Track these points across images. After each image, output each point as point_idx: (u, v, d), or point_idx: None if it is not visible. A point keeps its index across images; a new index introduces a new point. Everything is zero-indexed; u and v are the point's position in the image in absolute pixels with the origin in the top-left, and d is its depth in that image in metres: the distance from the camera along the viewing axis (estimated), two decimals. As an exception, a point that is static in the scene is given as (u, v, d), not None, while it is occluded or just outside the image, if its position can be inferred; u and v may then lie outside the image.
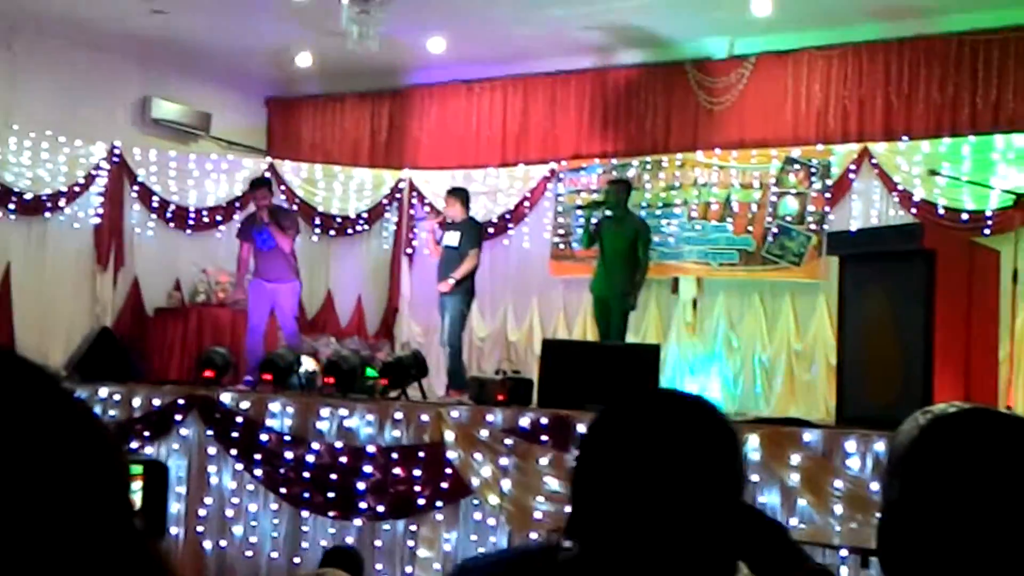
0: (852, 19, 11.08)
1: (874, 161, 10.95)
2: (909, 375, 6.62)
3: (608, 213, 10.47)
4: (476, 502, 7.23)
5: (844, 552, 5.39)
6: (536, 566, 1.69)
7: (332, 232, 13.48)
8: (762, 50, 11.79)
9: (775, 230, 11.29)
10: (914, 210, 10.61)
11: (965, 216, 10.32)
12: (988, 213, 10.16)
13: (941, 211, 10.45)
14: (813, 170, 11.21)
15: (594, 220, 10.64)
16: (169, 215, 12.95)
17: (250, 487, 7.98)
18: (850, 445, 6.16)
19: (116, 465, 1.11)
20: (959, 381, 6.56)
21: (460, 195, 10.85)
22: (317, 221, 13.37)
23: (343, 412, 7.78)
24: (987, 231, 9.96)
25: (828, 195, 11.11)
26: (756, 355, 11.29)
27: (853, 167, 11.06)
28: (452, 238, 10.57)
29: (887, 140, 11.03)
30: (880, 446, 6.03)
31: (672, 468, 1.64)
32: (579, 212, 11.52)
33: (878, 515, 1.66)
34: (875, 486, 5.90)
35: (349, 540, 7.59)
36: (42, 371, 1.13)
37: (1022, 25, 10.54)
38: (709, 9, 11.10)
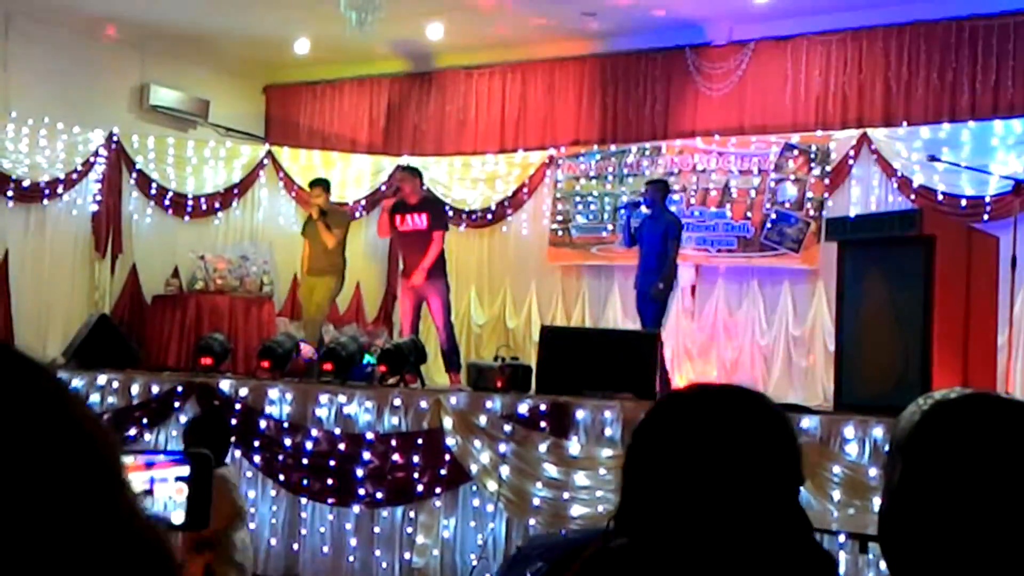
0: (851, 5, 11.06)
1: (873, 147, 10.94)
2: (908, 361, 6.62)
3: (646, 211, 10.46)
4: (475, 489, 7.23)
5: (842, 538, 5.39)
6: (589, 552, 1.69)
7: (330, 219, 13.46)
8: (761, 36, 11.78)
9: (774, 216, 11.28)
10: (913, 196, 10.61)
11: (964, 202, 10.32)
12: (987, 199, 10.16)
13: (940, 197, 10.45)
14: (812, 156, 11.19)
15: (635, 221, 10.64)
16: (167, 202, 12.94)
17: (248, 474, 7.97)
18: (848, 431, 6.16)
19: (107, 459, 1.11)
20: (958, 367, 6.56)
21: (415, 173, 10.77)
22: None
23: (342, 399, 7.77)
24: (986, 217, 9.96)
25: (827, 181, 11.10)
26: (755, 341, 11.29)
27: (852, 153, 11.05)
28: (419, 220, 10.30)
29: (886, 126, 11.02)
30: (878, 432, 6.03)
31: (725, 460, 1.64)
32: (620, 213, 11.55)
33: (876, 500, 1.66)
34: (873, 472, 5.90)
35: (348, 526, 7.59)
36: (34, 364, 1.13)
37: (1021, 10, 10.51)
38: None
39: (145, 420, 8.37)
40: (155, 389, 8.53)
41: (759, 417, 1.70)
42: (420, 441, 7.37)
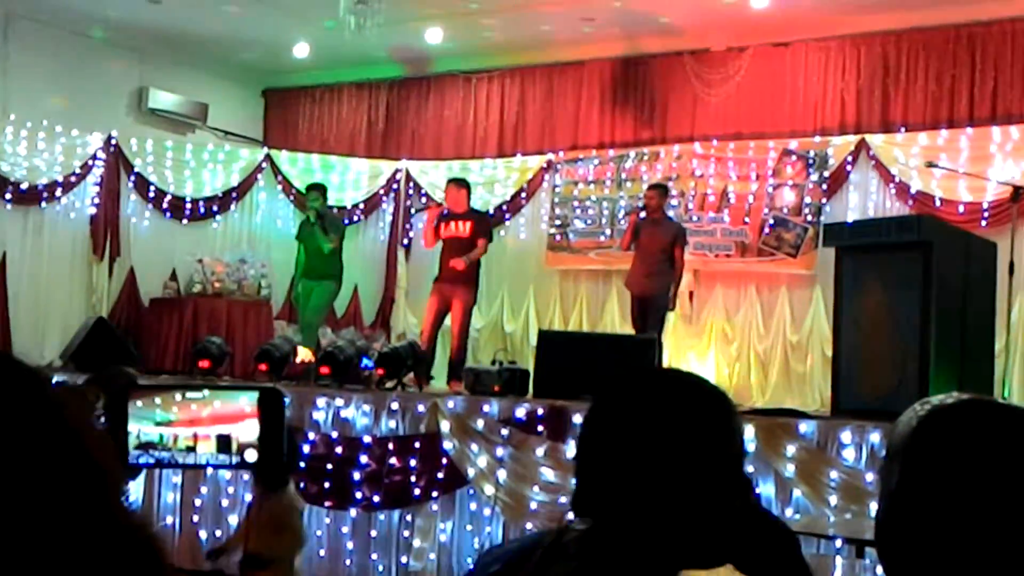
0: (849, 10, 11.07)
1: (871, 153, 10.94)
2: (905, 367, 6.62)
3: (645, 215, 10.45)
4: (472, 492, 7.23)
5: (839, 543, 5.39)
6: (546, 546, 1.73)
7: (329, 222, 13.45)
8: (760, 42, 11.79)
9: (772, 221, 11.29)
10: (911, 202, 10.62)
11: (962, 208, 10.33)
12: (985, 205, 10.17)
13: (938, 203, 10.46)
14: (810, 161, 11.20)
15: (637, 221, 10.61)
16: (165, 205, 12.94)
17: (245, 476, 7.97)
18: (845, 436, 6.16)
19: (101, 463, 1.13)
20: (955, 373, 6.56)
21: (462, 184, 10.71)
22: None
23: (339, 402, 7.78)
24: (984, 223, 9.97)
25: (825, 187, 11.11)
26: (752, 346, 11.30)
27: (850, 158, 11.06)
28: (462, 228, 10.36)
29: (884, 132, 11.04)
30: (875, 437, 6.03)
31: (668, 441, 1.70)
32: (623, 210, 11.57)
33: (873, 505, 1.67)
34: (870, 477, 5.91)
35: (345, 530, 7.59)
36: (29, 372, 1.14)
37: (1019, 17, 10.53)
38: (708, 0, 11.08)
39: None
40: (152, 392, 8.51)
41: (694, 396, 1.76)
42: (417, 445, 7.38)
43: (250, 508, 6.01)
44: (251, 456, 2.73)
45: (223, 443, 3.05)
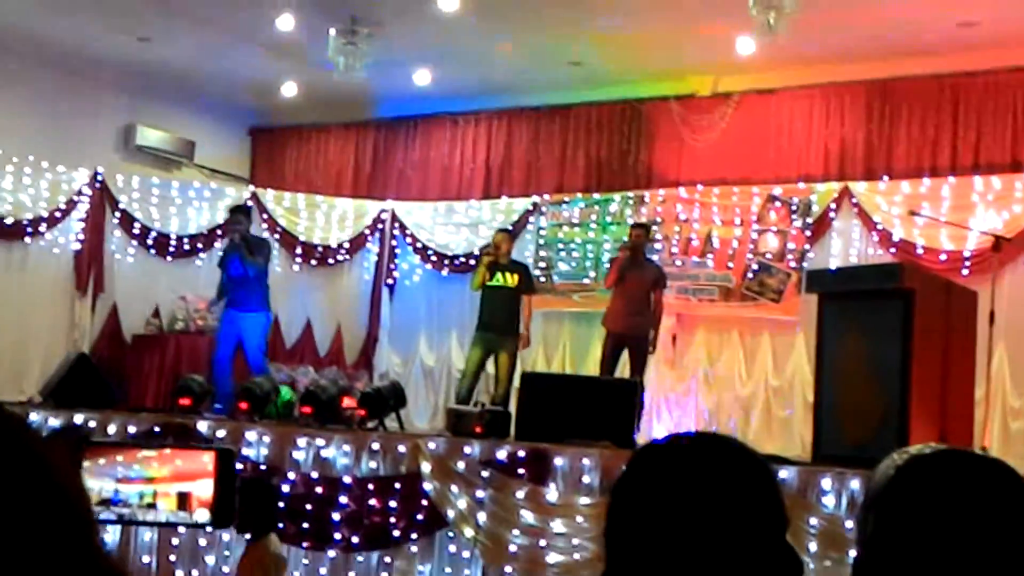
0: (834, 59, 11.18)
1: (854, 200, 11.01)
2: (886, 414, 6.63)
3: (631, 255, 10.49)
4: (451, 535, 7.20)
5: (819, 590, 5.39)
6: None
7: (313, 262, 13.45)
8: (746, 88, 11.88)
9: (755, 267, 11.34)
10: (893, 249, 10.68)
11: (944, 256, 10.39)
12: (967, 254, 10.23)
13: (920, 251, 10.52)
14: (794, 208, 11.26)
15: (619, 261, 10.63)
16: (150, 242, 12.92)
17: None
18: (826, 483, 6.16)
19: (78, 505, 1.17)
20: (935, 421, 6.57)
21: (511, 235, 10.84)
22: (298, 250, 13.34)
23: (320, 442, 7.74)
24: (965, 272, 10.02)
25: (808, 233, 11.17)
26: (734, 391, 11.30)
27: (833, 205, 11.12)
28: (509, 279, 10.59)
29: (867, 179, 11.11)
30: (855, 484, 6.03)
31: (707, 512, 1.60)
32: (607, 254, 11.65)
33: (853, 553, 1.67)
34: (850, 524, 5.90)
35: (323, 571, 7.54)
36: (6, 415, 1.18)
37: (1002, 68, 10.64)
38: (694, 46, 11.18)
39: (121, 460, 8.31)
40: (132, 429, 8.47)
41: (737, 465, 1.66)
42: (398, 485, 7.34)
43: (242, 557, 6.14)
44: (202, 516, 2.73)
45: (183, 500, 3.05)
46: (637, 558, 1.62)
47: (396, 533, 7.28)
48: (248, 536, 5.86)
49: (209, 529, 6.08)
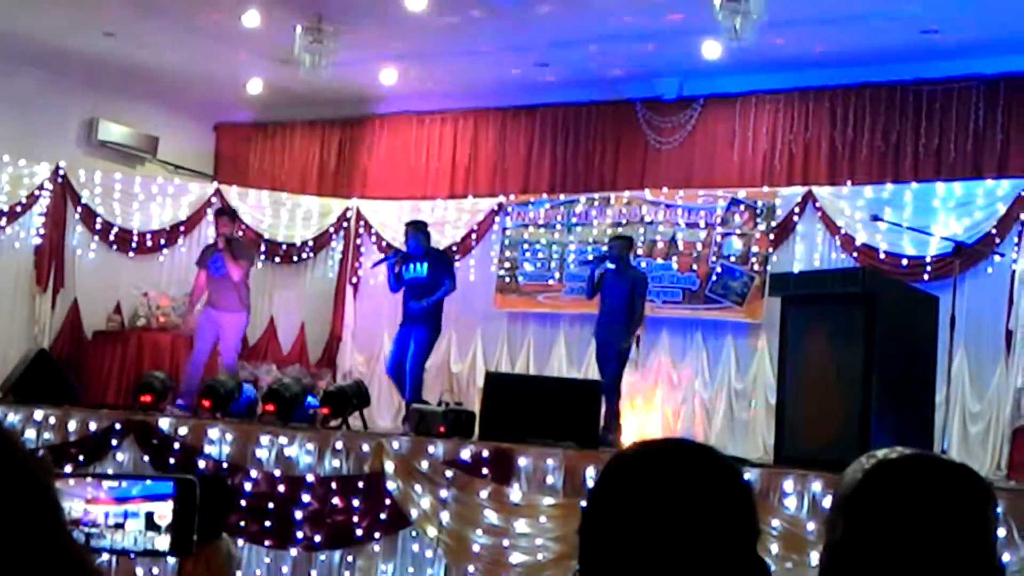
0: (800, 65, 11.25)
1: (818, 204, 11.08)
2: (847, 417, 6.68)
3: (611, 266, 10.43)
4: (414, 534, 7.19)
5: (780, 591, 5.42)
6: None
7: (277, 259, 13.38)
8: (711, 92, 11.94)
9: (719, 270, 11.39)
10: (856, 254, 10.76)
11: (905, 261, 10.47)
12: (928, 259, 10.32)
13: (882, 256, 10.61)
14: (758, 211, 11.32)
15: (598, 272, 10.57)
16: (112, 237, 12.81)
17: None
18: (788, 484, 6.19)
19: (44, 490, 1.20)
20: (896, 423, 6.63)
21: (422, 227, 10.69)
22: (262, 248, 13.27)
23: (283, 440, 7.71)
24: (927, 277, 10.11)
25: (772, 236, 11.23)
26: (697, 393, 11.34)
27: (797, 210, 11.19)
28: (420, 269, 10.36)
29: (831, 184, 11.19)
30: (817, 486, 6.07)
31: (680, 520, 1.60)
32: (587, 264, 11.57)
33: (815, 555, 1.68)
34: (812, 526, 5.94)
35: (284, 570, 7.51)
36: (4, 433, 1.22)
37: (964, 77, 10.75)
38: (660, 50, 11.22)
39: (81, 457, 8.25)
40: (92, 426, 8.42)
41: (709, 472, 1.66)
42: (360, 485, 7.33)
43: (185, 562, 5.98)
44: (162, 544, 2.71)
45: (151, 521, 3.03)
46: (612, 568, 1.62)
47: (359, 532, 7.26)
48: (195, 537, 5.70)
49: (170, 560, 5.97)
